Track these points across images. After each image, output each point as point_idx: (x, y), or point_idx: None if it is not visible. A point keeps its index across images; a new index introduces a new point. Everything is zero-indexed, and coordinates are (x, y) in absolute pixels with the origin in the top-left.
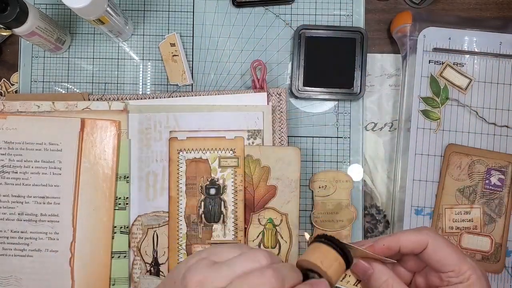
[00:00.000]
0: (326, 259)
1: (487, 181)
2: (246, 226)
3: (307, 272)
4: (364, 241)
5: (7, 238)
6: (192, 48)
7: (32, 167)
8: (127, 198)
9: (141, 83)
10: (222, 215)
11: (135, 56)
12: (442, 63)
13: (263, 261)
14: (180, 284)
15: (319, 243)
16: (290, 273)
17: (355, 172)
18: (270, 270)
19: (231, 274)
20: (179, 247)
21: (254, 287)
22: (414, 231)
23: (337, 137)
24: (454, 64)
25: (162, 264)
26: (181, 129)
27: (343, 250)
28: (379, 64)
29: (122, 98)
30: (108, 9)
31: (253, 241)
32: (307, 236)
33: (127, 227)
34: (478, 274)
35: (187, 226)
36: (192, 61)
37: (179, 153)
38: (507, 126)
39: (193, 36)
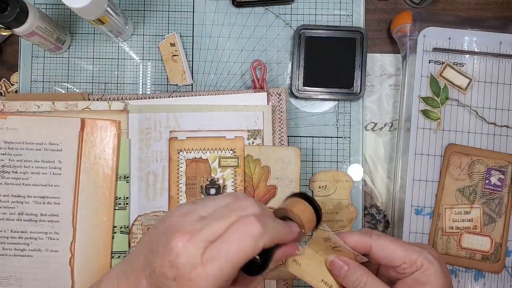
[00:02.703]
0: (296, 206)
1: (487, 181)
2: None
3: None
4: None
5: (7, 238)
6: (192, 48)
7: (32, 167)
8: (127, 198)
9: (141, 83)
10: None
11: (135, 56)
12: (442, 63)
13: (242, 196)
14: (163, 223)
15: (292, 197)
16: (267, 208)
17: (355, 172)
18: (253, 199)
19: (214, 204)
20: None
21: (239, 208)
22: (359, 233)
23: (337, 137)
24: (454, 64)
25: None
26: (181, 129)
27: (313, 202)
28: (379, 64)
29: (122, 98)
30: (108, 9)
31: None
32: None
33: (127, 227)
34: (429, 258)
35: None
36: (192, 61)
37: (179, 153)
38: (507, 126)
39: (193, 36)
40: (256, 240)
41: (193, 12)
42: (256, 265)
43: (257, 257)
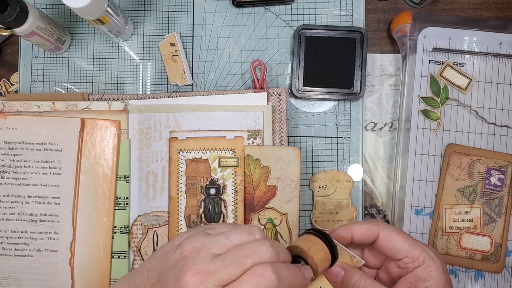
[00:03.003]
0: (313, 246)
1: (487, 181)
2: None
3: (296, 258)
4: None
5: (7, 238)
6: (192, 48)
7: (32, 167)
8: (127, 198)
9: (141, 83)
10: (222, 215)
11: (135, 56)
12: (442, 63)
13: (257, 235)
14: (174, 252)
15: (309, 234)
16: (283, 249)
17: (355, 172)
18: (269, 241)
19: (228, 243)
20: None
21: (255, 254)
22: (366, 222)
23: (337, 137)
24: (454, 64)
25: None
26: (181, 129)
27: (330, 242)
28: (379, 64)
29: (122, 98)
30: (108, 9)
31: None
32: None
33: (127, 227)
34: (431, 255)
35: (187, 226)
36: (192, 61)
37: (179, 153)
38: (507, 126)
39: (193, 36)
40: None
41: (193, 12)
42: None
43: None
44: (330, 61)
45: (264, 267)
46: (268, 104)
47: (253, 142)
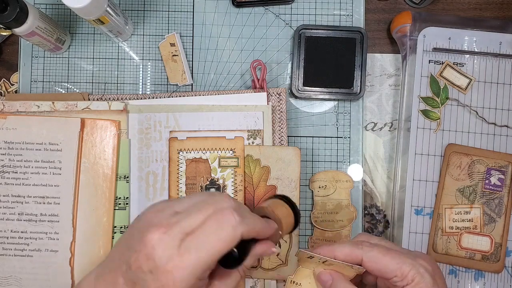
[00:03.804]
0: (274, 204)
1: (487, 181)
2: None
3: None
4: (310, 250)
5: (7, 238)
6: (192, 48)
7: (32, 167)
8: (127, 198)
9: (141, 83)
10: None
11: (135, 56)
12: (442, 63)
13: (226, 203)
14: (138, 220)
15: (281, 200)
16: (243, 204)
17: (355, 172)
18: (228, 195)
19: (190, 201)
20: None
21: (216, 202)
22: (351, 245)
23: (337, 137)
24: (454, 64)
25: None
26: (181, 129)
27: (294, 205)
28: (379, 64)
29: (122, 98)
30: (108, 9)
31: None
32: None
33: (127, 227)
34: (421, 271)
35: None
36: (192, 61)
37: (179, 153)
38: (507, 126)
39: (193, 36)
40: (234, 229)
41: (193, 12)
42: (233, 257)
43: (235, 249)
44: (330, 61)
45: (226, 209)
46: (268, 104)
47: (253, 142)
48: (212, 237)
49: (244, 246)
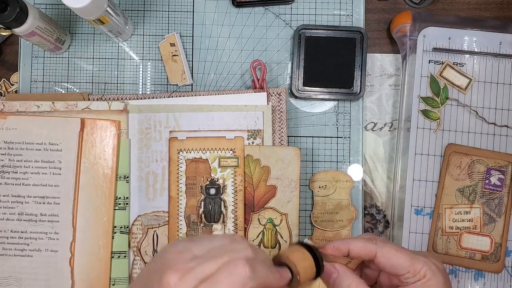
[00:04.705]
0: (296, 254)
1: (487, 181)
2: (246, 226)
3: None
4: (324, 243)
5: (7, 238)
6: (192, 48)
7: (32, 167)
8: (127, 198)
9: (141, 83)
10: (222, 215)
11: (135, 56)
12: (442, 63)
13: (239, 239)
14: (159, 257)
15: (294, 245)
16: (263, 252)
17: (355, 172)
18: (248, 242)
19: (209, 244)
20: None
21: (232, 251)
22: (364, 240)
23: (337, 137)
24: (454, 64)
25: None
26: (181, 129)
27: (314, 251)
28: (379, 64)
29: (122, 98)
30: (108, 9)
31: (253, 241)
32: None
33: (127, 227)
34: (433, 269)
35: (187, 226)
36: (192, 61)
37: (179, 153)
38: (507, 126)
39: (193, 36)
40: (243, 282)
41: (193, 12)
42: None
43: None
44: (330, 61)
45: (238, 259)
46: (268, 104)
47: (253, 142)
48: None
49: None
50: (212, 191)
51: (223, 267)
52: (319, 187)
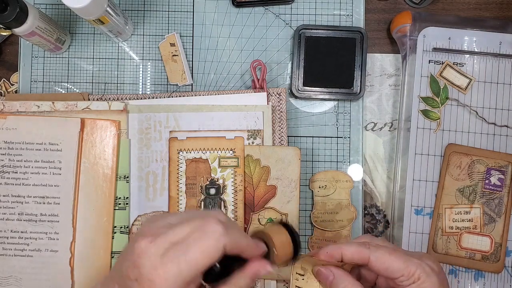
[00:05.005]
0: (273, 230)
1: (487, 181)
2: (246, 226)
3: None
4: (316, 250)
5: (7, 238)
6: (192, 48)
7: (32, 167)
8: (127, 198)
9: (141, 83)
10: None
11: (135, 56)
12: (442, 63)
13: (215, 216)
14: (135, 234)
15: (278, 224)
16: (235, 222)
17: (355, 172)
18: (223, 213)
19: (185, 215)
20: None
21: (206, 216)
22: (357, 244)
23: (337, 137)
24: (454, 64)
25: None
26: (181, 129)
27: (290, 227)
28: (379, 64)
29: (122, 98)
30: (108, 9)
31: None
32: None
33: (127, 227)
34: (427, 271)
35: None
36: (192, 61)
37: (179, 153)
38: (507, 126)
39: (193, 36)
40: (216, 240)
41: (193, 12)
42: (214, 272)
43: (217, 264)
44: (330, 61)
45: (211, 219)
46: (268, 104)
47: (253, 142)
48: (194, 248)
49: (230, 263)
50: (212, 191)
51: (195, 228)
52: (319, 187)
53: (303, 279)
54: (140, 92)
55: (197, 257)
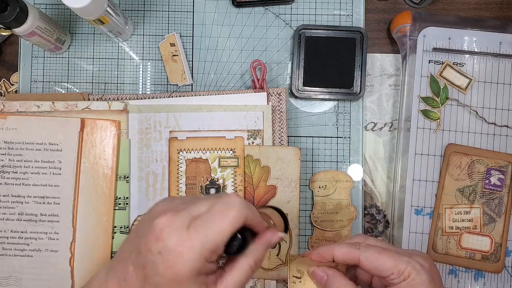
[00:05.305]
0: (274, 215)
1: (487, 181)
2: None
3: None
4: (308, 251)
5: (7, 238)
6: (192, 48)
7: (32, 167)
8: (127, 198)
9: (141, 83)
10: None
11: (135, 56)
12: (442, 63)
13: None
14: (148, 213)
15: (271, 208)
16: (252, 206)
17: (355, 172)
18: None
19: (202, 197)
20: None
21: (224, 195)
22: (348, 245)
23: (337, 137)
24: (454, 64)
25: None
26: (181, 129)
27: (281, 211)
28: (379, 64)
29: (122, 98)
30: (108, 9)
31: None
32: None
33: (127, 227)
34: (417, 268)
35: None
36: (192, 61)
37: (179, 153)
38: (507, 126)
39: (193, 36)
40: (239, 210)
41: (193, 12)
42: (237, 242)
43: (238, 235)
44: (330, 61)
45: (232, 195)
46: (268, 104)
47: (253, 142)
48: (218, 217)
49: (247, 235)
50: (212, 191)
51: (216, 201)
52: (319, 187)
53: (300, 282)
54: (140, 92)
55: (224, 225)
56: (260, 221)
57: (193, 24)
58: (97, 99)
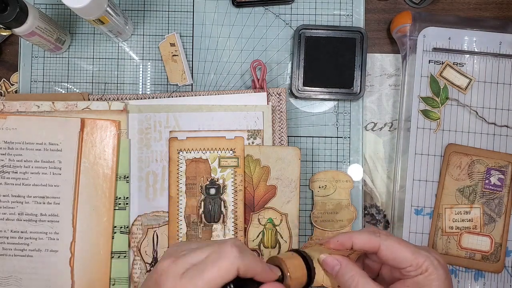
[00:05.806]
0: (287, 256)
1: (487, 181)
2: (246, 226)
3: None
4: (327, 237)
5: (7, 238)
6: (192, 48)
7: (32, 167)
8: (127, 198)
9: (141, 83)
10: (222, 215)
11: (135, 56)
12: (442, 63)
13: (232, 241)
14: (156, 264)
15: (295, 252)
16: (251, 254)
17: (355, 172)
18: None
19: (205, 243)
20: None
21: (223, 242)
22: (368, 232)
23: (337, 137)
24: (454, 64)
25: None
26: (181, 129)
27: (303, 254)
28: (379, 64)
29: (122, 98)
30: (108, 9)
31: (253, 241)
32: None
33: (127, 227)
34: (435, 264)
35: (187, 226)
36: (192, 61)
37: (179, 153)
38: (507, 126)
39: (193, 36)
40: (231, 261)
41: (193, 12)
42: None
43: (231, 284)
44: (330, 61)
45: (228, 244)
46: (268, 104)
47: (253, 142)
48: (211, 268)
49: (245, 285)
50: (212, 191)
51: (213, 251)
52: (319, 187)
53: None
54: (140, 92)
55: (213, 276)
56: (263, 270)
57: (193, 24)
58: (97, 99)
